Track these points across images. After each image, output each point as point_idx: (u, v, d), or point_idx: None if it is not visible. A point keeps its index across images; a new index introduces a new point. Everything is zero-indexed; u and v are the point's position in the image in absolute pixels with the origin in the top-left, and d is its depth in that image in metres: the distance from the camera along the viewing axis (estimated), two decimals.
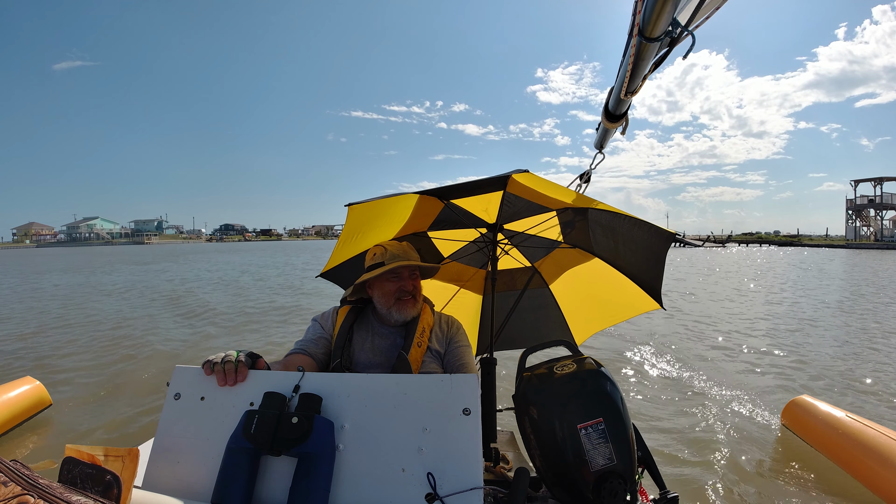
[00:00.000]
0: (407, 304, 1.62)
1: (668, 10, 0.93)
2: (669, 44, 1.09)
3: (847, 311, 9.19)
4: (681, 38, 1.06)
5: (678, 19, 1.01)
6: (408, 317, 1.62)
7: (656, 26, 0.98)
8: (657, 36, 1.01)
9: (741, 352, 6.06)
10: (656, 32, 1.00)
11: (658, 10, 0.94)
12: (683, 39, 1.07)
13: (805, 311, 9.16)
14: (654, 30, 0.99)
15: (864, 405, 4.16)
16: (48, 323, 8.23)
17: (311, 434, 0.99)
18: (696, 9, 1.01)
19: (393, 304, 1.62)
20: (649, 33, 1.01)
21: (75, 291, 13.36)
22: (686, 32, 1.04)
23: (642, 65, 1.17)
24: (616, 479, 1.15)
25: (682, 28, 1.03)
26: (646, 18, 0.98)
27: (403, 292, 1.61)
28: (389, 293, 1.62)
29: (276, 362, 1.46)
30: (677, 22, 1.01)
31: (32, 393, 3.68)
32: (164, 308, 9.91)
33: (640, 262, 2.13)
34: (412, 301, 1.63)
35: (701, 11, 1.02)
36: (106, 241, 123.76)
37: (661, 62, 1.20)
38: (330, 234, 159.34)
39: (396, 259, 1.62)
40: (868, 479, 2.61)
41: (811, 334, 7.09)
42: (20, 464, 0.68)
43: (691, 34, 1.05)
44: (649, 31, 1.00)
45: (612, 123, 1.78)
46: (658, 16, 0.95)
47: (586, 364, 1.30)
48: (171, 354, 6.00)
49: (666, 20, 0.96)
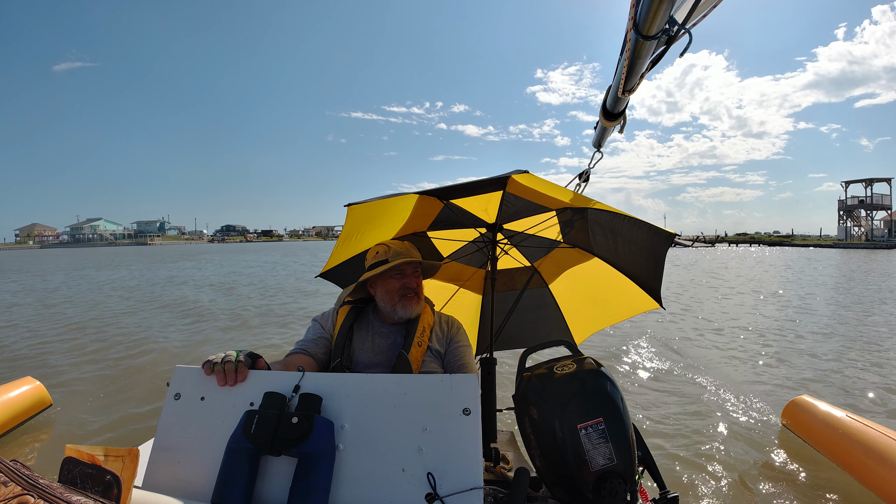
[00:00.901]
0: (411, 301, 1.62)
1: (665, 7, 0.93)
2: (666, 42, 1.09)
3: (844, 307, 9.19)
4: (678, 36, 1.06)
5: (675, 17, 1.01)
6: (412, 314, 1.62)
7: (653, 24, 0.97)
8: (654, 34, 1.01)
9: (741, 352, 6.06)
10: (653, 30, 0.99)
11: (654, 7, 0.93)
12: (680, 38, 1.07)
13: (804, 312, 9.16)
14: (651, 27, 0.99)
15: (864, 405, 4.16)
16: (50, 322, 8.24)
17: (311, 434, 0.99)
18: (692, 7, 1.01)
19: (398, 302, 1.62)
20: (646, 31, 1.00)
21: (139, 284, 13.41)
22: (683, 30, 1.04)
23: (639, 63, 1.17)
24: (616, 479, 1.15)
25: (678, 26, 1.02)
26: (642, 16, 0.98)
27: (407, 289, 1.62)
28: (393, 290, 1.63)
29: (277, 362, 1.46)
30: (674, 20, 1.01)
31: (33, 393, 3.68)
32: (166, 308, 9.92)
33: (639, 262, 2.13)
34: (416, 298, 1.63)
35: (697, 10, 1.02)
36: (109, 242, 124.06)
37: (659, 60, 1.19)
38: (330, 235, 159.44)
39: (400, 256, 1.63)
40: (868, 479, 2.61)
41: (812, 334, 7.08)
42: (20, 464, 0.68)
43: (688, 32, 1.04)
44: (646, 28, 1.00)
45: (611, 122, 1.79)
46: (654, 13, 0.95)
47: (586, 364, 1.30)
48: (172, 354, 6.00)
49: (662, 18, 0.96)
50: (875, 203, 51.38)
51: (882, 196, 51.08)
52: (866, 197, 51.65)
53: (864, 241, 49.10)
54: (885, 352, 5.97)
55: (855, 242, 48.96)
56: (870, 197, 51.30)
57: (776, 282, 14.80)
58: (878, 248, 42.80)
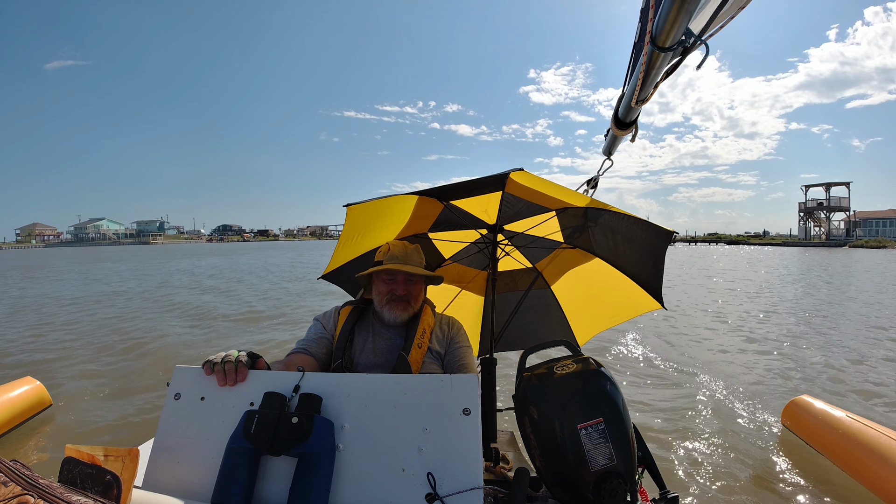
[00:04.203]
0: (396, 307, 1.61)
1: (682, 19, 0.91)
2: (682, 53, 1.08)
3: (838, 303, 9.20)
4: (694, 47, 1.04)
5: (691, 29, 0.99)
6: (397, 320, 1.61)
7: (669, 35, 0.96)
8: (670, 45, 0.99)
9: (741, 352, 6.05)
10: (669, 42, 0.98)
11: (672, 19, 0.92)
12: (696, 49, 1.06)
13: (805, 311, 9.16)
14: (668, 39, 0.97)
15: (864, 405, 4.16)
16: (51, 323, 8.23)
17: (311, 434, 0.99)
18: (710, 18, 0.99)
19: (385, 305, 1.62)
20: (662, 42, 0.99)
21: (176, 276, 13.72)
22: (699, 42, 1.02)
23: (654, 73, 1.16)
24: (616, 479, 1.15)
25: (695, 37, 1.01)
26: (659, 27, 0.97)
27: (393, 295, 1.61)
28: (382, 293, 1.63)
29: (278, 362, 1.46)
30: (690, 31, 1.00)
31: (32, 393, 3.68)
32: (165, 309, 9.92)
33: (639, 262, 2.12)
34: (402, 305, 1.62)
35: (716, 21, 1.01)
36: (112, 241, 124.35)
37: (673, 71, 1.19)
38: (324, 235, 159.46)
39: (394, 261, 1.63)
40: (868, 479, 2.61)
41: (811, 334, 7.08)
42: (20, 464, 0.68)
43: (704, 43, 1.03)
44: (662, 40, 0.98)
45: (622, 131, 1.78)
46: (672, 25, 0.93)
47: (586, 364, 1.30)
48: (172, 354, 6.00)
49: (679, 29, 0.94)
50: (833, 205, 56.48)
51: (840, 199, 56.25)
52: (826, 199, 56.87)
53: (823, 240, 54.96)
54: (885, 352, 5.97)
55: (814, 241, 55.04)
56: (828, 199, 56.68)
57: (704, 274, 16.07)
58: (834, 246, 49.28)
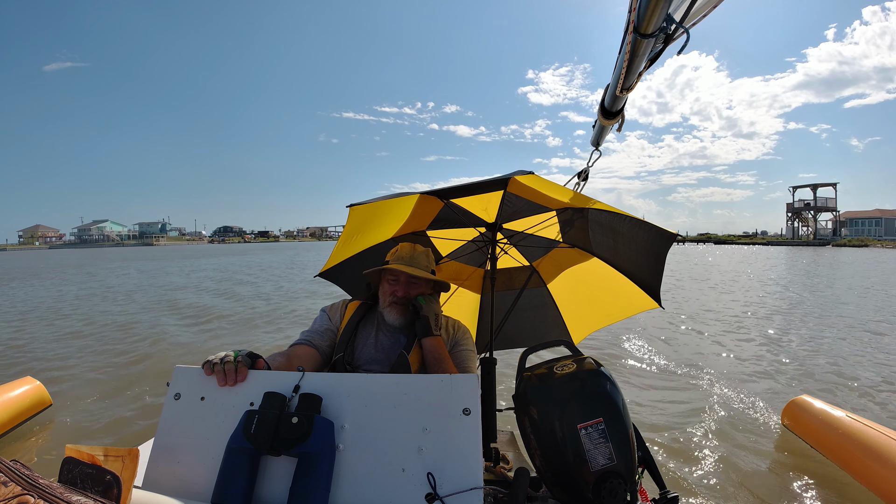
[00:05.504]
0: (394, 309, 1.61)
1: (663, 6, 0.94)
2: (664, 40, 1.10)
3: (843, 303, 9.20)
4: (675, 34, 1.07)
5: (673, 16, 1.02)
6: (395, 322, 1.61)
7: (651, 22, 0.99)
8: (651, 32, 1.02)
9: (741, 351, 6.05)
10: (651, 28, 1.01)
11: (652, 6, 0.95)
12: (678, 36, 1.08)
13: (805, 311, 9.16)
14: (649, 26, 1.00)
15: (864, 405, 4.16)
16: (51, 324, 8.23)
17: (311, 434, 0.99)
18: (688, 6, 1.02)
19: (387, 305, 1.62)
20: (644, 29, 1.02)
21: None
22: (681, 29, 1.05)
23: (637, 61, 1.19)
24: (616, 479, 1.15)
25: (676, 24, 1.04)
26: (640, 14, 1.00)
27: (395, 297, 1.61)
28: (385, 293, 1.63)
29: (280, 352, 1.47)
30: (672, 18, 1.02)
31: (32, 393, 3.67)
32: (166, 308, 9.92)
33: (639, 262, 2.12)
34: (401, 308, 1.61)
35: (695, 10, 1.03)
36: (116, 242, 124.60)
37: (657, 59, 1.21)
38: (324, 236, 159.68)
39: (399, 262, 1.63)
40: (868, 479, 2.61)
41: (812, 334, 7.08)
42: (20, 464, 0.68)
43: (686, 31, 1.06)
44: (644, 27, 1.01)
45: (609, 120, 1.81)
46: (653, 11, 0.96)
47: (586, 364, 1.30)
48: (172, 354, 6.00)
49: (660, 16, 0.97)
50: (820, 206, 58.16)
51: (827, 199, 57.89)
52: (812, 200, 58.54)
53: (811, 240, 56.81)
54: (885, 351, 5.97)
55: (802, 241, 56.61)
56: (815, 200, 58.41)
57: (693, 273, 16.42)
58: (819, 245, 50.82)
